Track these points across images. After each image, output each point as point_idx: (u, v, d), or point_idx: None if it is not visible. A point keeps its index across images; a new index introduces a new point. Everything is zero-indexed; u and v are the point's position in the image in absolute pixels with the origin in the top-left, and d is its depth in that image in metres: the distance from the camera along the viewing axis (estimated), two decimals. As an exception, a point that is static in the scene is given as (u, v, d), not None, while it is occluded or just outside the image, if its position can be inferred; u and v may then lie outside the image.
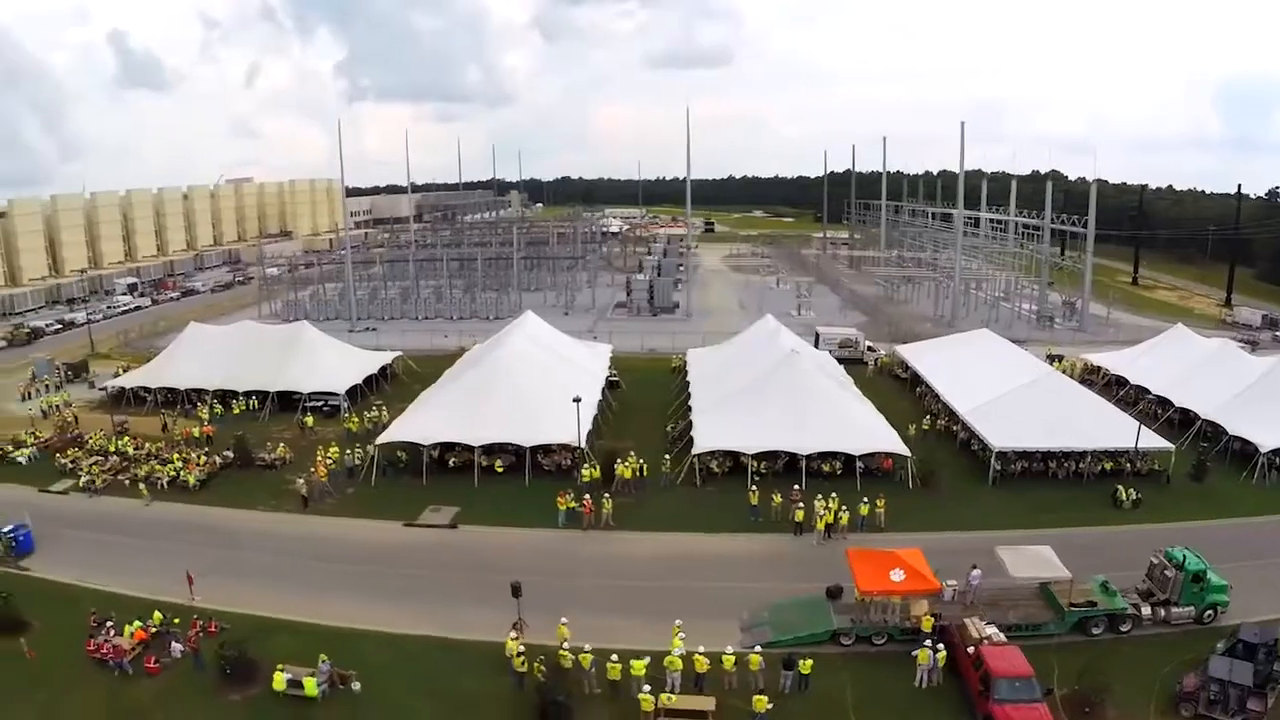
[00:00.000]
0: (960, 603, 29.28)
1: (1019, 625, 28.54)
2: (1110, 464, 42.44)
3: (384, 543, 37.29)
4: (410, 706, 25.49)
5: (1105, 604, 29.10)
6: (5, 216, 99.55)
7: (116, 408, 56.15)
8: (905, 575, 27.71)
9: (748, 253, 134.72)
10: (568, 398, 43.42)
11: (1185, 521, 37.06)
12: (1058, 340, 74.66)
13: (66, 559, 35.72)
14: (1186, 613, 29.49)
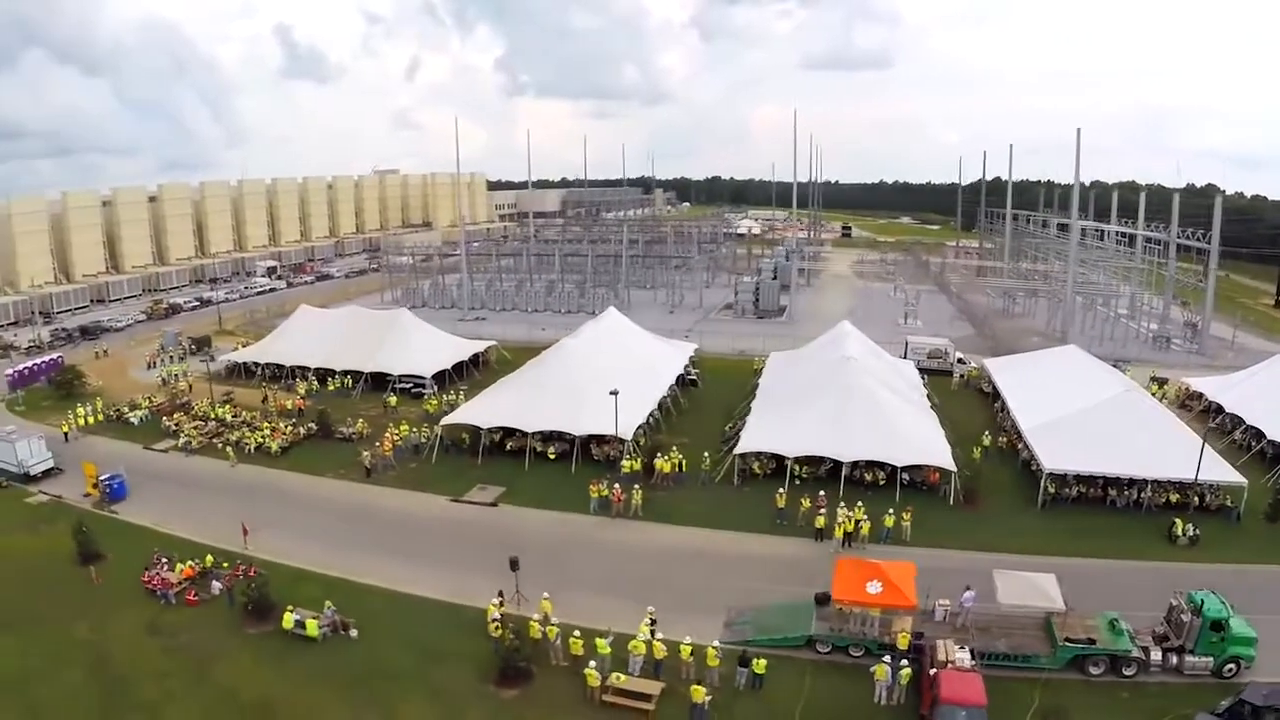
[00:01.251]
0: (950, 624, 29.12)
1: (1007, 655, 28.08)
2: (1176, 496, 40.58)
3: (428, 514, 41.17)
4: (391, 656, 28.71)
5: (1108, 643, 28.08)
6: (156, 200, 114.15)
7: (228, 379, 64.09)
8: (883, 588, 28.01)
9: (876, 259, 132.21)
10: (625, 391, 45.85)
11: (1245, 564, 35.35)
12: (1172, 362, 70.45)
13: (151, 506, 41.97)
14: (1203, 663, 28.09)
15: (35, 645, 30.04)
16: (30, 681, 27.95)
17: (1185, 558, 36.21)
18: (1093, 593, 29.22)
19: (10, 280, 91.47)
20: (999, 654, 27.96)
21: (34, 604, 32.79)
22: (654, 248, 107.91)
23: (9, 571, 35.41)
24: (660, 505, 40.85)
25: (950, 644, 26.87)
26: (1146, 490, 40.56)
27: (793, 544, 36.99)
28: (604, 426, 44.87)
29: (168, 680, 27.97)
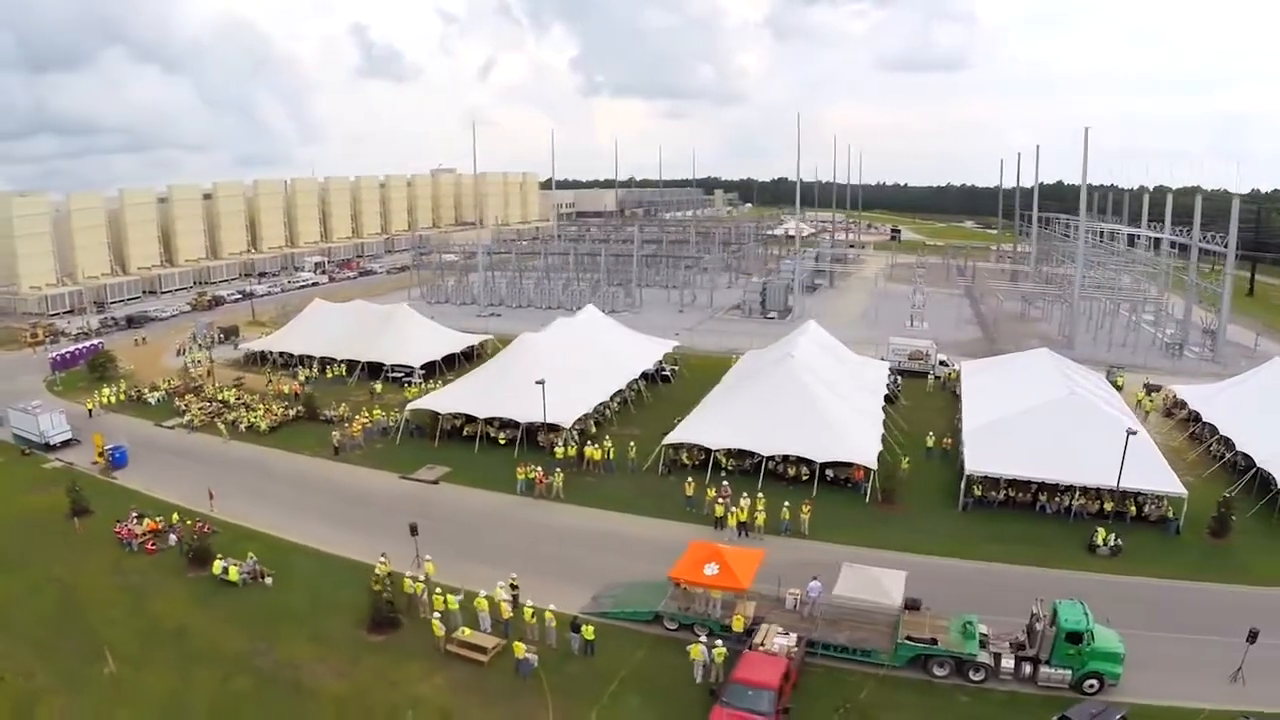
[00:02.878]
0: (799, 613, 31.40)
1: (845, 647, 29.65)
2: (1111, 504, 41.23)
3: (376, 489, 47.22)
4: (294, 601, 34.57)
5: (953, 645, 28.81)
6: (211, 198, 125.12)
7: (246, 366, 72.14)
8: (719, 571, 30.84)
9: (910, 263, 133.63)
10: (573, 382, 51.18)
11: (1164, 579, 36.32)
12: (1184, 370, 70.78)
13: (146, 473, 49.38)
14: (1060, 676, 28.16)
15: (19, 580, 37.26)
16: (8, 606, 35.06)
17: (1102, 568, 37.19)
18: (994, 598, 31.10)
19: (69, 272, 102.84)
20: (838, 646, 29.74)
21: (27, 549, 40.20)
22: (676, 248, 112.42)
23: (13, 523, 43.03)
24: (584, 490, 45.77)
25: (774, 629, 29.35)
26: (1075, 496, 41.70)
27: (693, 530, 40.47)
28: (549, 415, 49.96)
29: (112, 610, 34.61)
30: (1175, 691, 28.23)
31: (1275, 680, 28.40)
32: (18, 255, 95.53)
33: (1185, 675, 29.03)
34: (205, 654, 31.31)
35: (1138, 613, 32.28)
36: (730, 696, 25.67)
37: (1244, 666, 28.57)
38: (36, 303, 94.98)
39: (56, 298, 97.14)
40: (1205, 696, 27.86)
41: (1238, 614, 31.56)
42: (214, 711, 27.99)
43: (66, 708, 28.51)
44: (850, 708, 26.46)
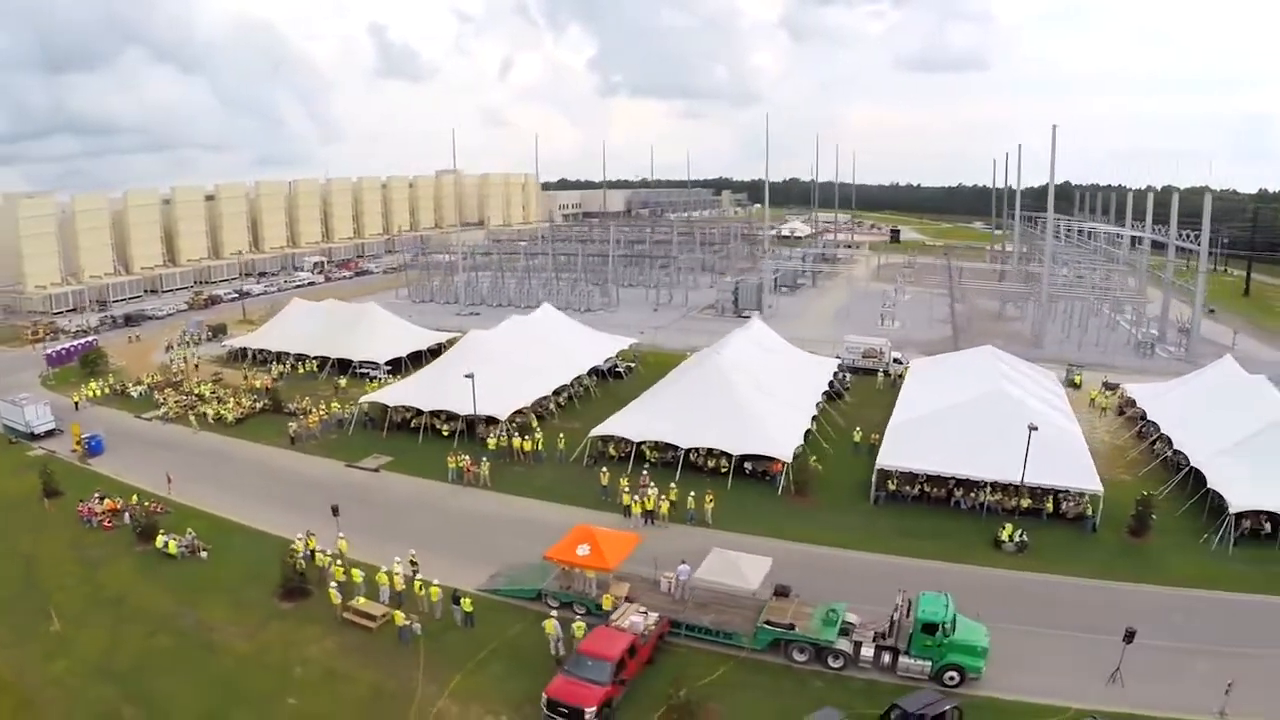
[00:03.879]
0: (671, 595, 33.96)
1: (708, 629, 31.89)
2: (1028, 501, 43.04)
3: (322, 475, 51.75)
4: (223, 572, 39.01)
5: (811, 631, 30.50)
6: (214, 199, 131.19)
7: (230, 362, 77.41)
8: (589, 551, 33.80)
9: (902, 262, 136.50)
10: (516, 377, 55.64)
11: (1067, 576, 37.74)
12: (1154, 369, 72.40)
13: (119, 460, 54.33)
14: (919, 667, 29.25)
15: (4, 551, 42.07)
16: (7, 567, 40.17)
17: (1006, 564, 38.81)
18: (888, 591, 32.18)
19: (74, 271, 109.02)
20: (702, 627, 32.05)
21: (14, 525, 45.08)
22: (657, 248, 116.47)
23: (4, 505, 47.93)
24: (512, 479, 49.95)
25: (633, 607, 31.95)
26: (986, 492, 43.27)
27: (605, 518, 43.68)
28: (487, 409, 54.32)
29: (65, 578, 39.42)
30: (1048, 689, 29.19)
31: (1155, 682, 29.35)
32: (23, 255, 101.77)
33: (1064, 673, 30.15)
34: (137, 616, 35.95)
35: (1029, 609, 34.22)
36: (572, 666, 28.56)
37: (1123, 667, 29.47)
38: (41, 301, 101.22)
39: (60, 296, 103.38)
40: (1077, 696, 28.75)
41: (1134, 614, 32.44)
42: (135, 663, 32.51)
43: (13, 657, 33.17)
44: (684, 688, 27.60)
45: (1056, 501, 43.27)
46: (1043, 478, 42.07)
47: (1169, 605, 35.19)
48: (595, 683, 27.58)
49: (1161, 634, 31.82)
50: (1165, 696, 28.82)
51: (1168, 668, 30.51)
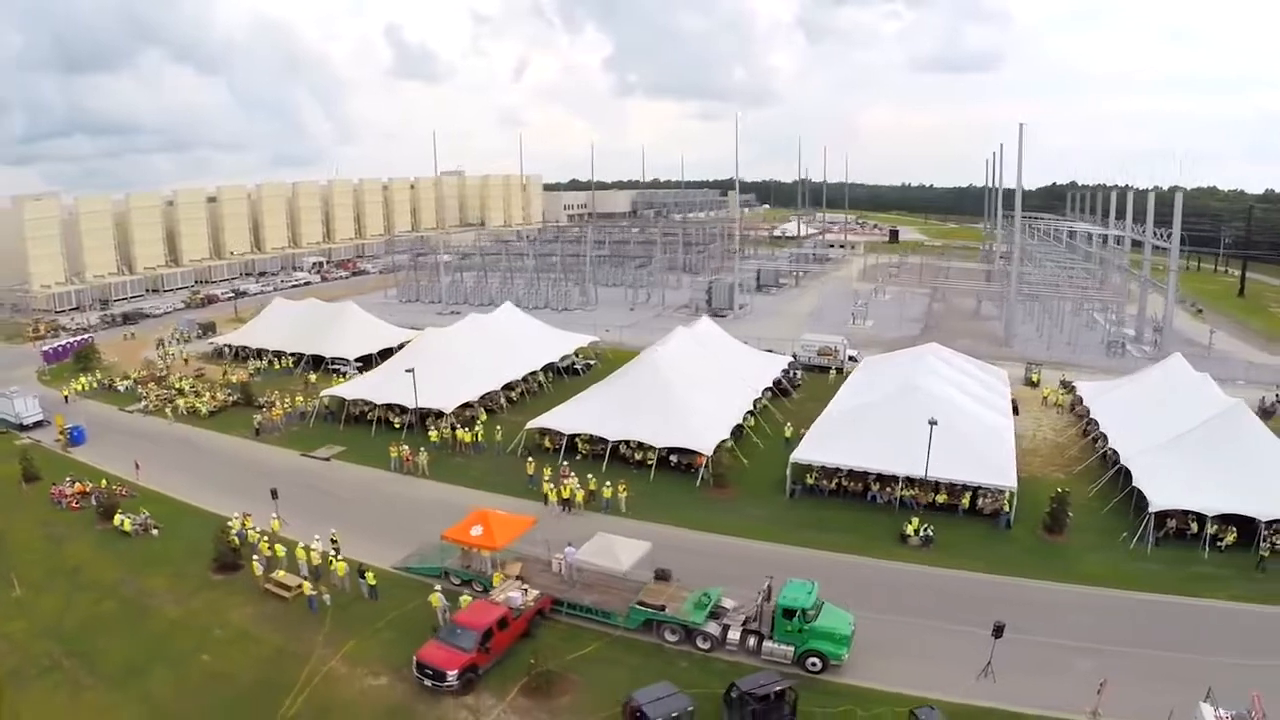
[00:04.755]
0: (560, 575, 37.16)
1: (588, 608, 34.78)
2: (944, 496, 45.09)
3: (277, 464, 56.40)
4: (170, 548, 43.65)
5: (681, 613, 32.84)
6: (216, 201, 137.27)
7: (216, 359, 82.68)
8: (482, 532, 37.24)
9: (889, 263, 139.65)
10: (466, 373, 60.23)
11: (966, 571, 39.42)
12: (1121, 369, 72.81)
13: (97, 449, 59.48)
14: (783, 651, 31.13)
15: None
16: None
17: (908, 558, 41.00)
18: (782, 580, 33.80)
19: (78, 271, 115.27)
20: (582, 606, 34.90)
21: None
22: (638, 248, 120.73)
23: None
24: (451, 468, 54.35)
25: (512, 583, 35.32)
26: (899, 487, 45.44)
27: (527, 505, 47.50)
28: (433, 402, 58.77)
29: (31, 552, 44.32)
30: (913, 680, 30.67)
31: (1030, 678, 30.68)
32: (29, 256, 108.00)
33: (937, 665, 31.49)
34: (89, 585, 40.74)
35: (919, 602, 36.21)
36: (445, 633, 32.19)
37: (1005, 662, 30.73)
38: (45, 300, 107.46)
39: (63, 295, 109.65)
40: (942, 688, 30.10)
41: (1028, 610, 34.73)
42: (81, 625, 37.20)
43: (-22, 622, 38.08)
44: (539, 659, 30.98)
45: (974, 498, 44.83)
46: (955, 473, 44.25)
47: (1066, 603, 36.78)
48: (461, 649, 31.04)
49: (1051, 631, 33.78)
50: (1037, 693, 29.89)
51: (1048, 665, 31.73)
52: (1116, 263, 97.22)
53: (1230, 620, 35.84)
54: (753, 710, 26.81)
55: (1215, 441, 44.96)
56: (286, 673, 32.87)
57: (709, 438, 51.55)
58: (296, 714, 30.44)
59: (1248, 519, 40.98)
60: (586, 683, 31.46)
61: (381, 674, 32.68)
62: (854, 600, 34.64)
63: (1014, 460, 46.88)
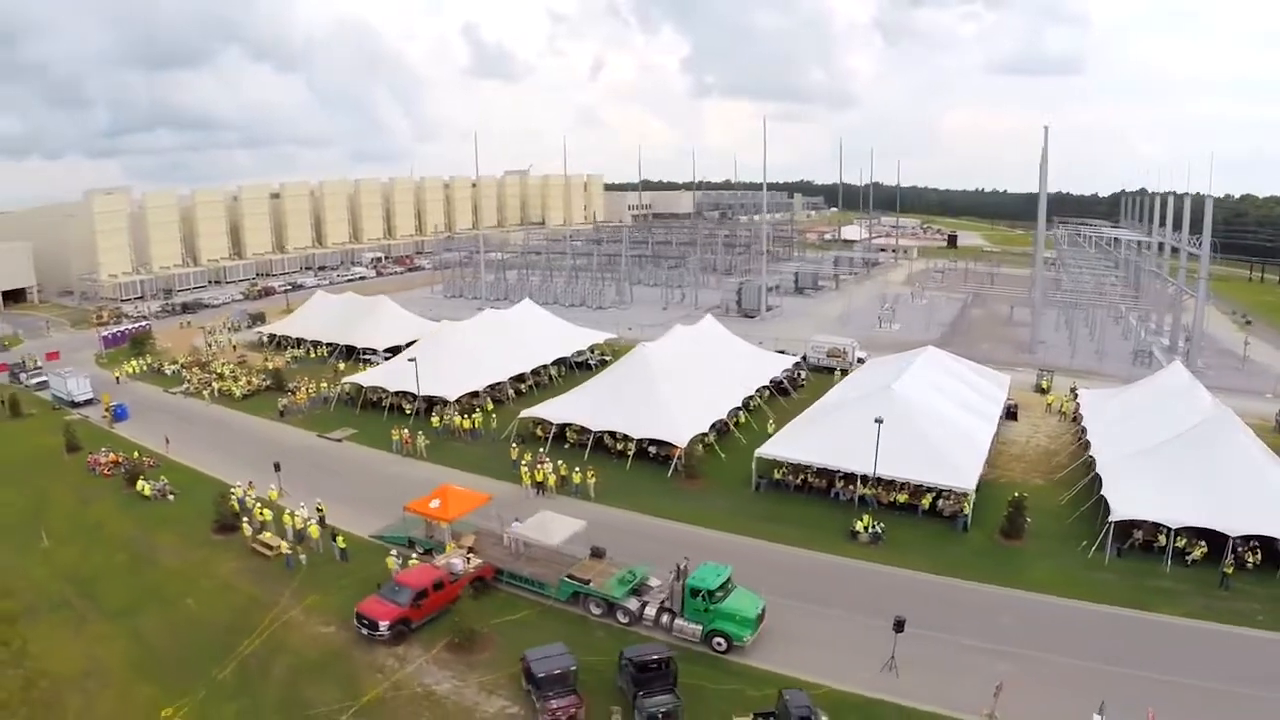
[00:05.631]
0: (509, 548, 41.67)
1: (526, 579, 39.01)
2: (905, 496, 47.38)
3: (294, 442, 62.63)
4: (183, 511, 49.80)
5: (604, 588, 36.24)
6: (279, 197, 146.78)
7: (259, 347, 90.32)
8: (439, 505, 42.77)
9: (937, 267, 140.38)
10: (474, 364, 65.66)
11: (908, 570, 41.45)
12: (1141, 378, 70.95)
13: (138, 425, 66.83)
14: (692, 629, 34.12)
15: (14, 489, 54.50)
16: (21, 499, 52.46)
17: (853, 553, 43.43)
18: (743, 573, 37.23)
19: (144, 262, 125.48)
20: (521, 577, 39.19)
21: (30, 471, 57.76)
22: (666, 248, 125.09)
23: (28, 456, 60.77)
24: (447, 452, 59.51)
25: (456, 551, 39.90)
26: (858, 484, 47.59)
27: (506, 488, 52.31)
28: (440, 390, 64.19)
29: (64, 511, 51.15)
30: (814, 667, 32.96)
31: (933, 676, 32.42)
32: (98, 247, 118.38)
33: (845, 656, 33.68)
34: (107, 540, 47.19)
35: (849, 595, 38.47)
36: (385, 589, 36.86)
37: (915, 659, 32.79)
38: (112, 289, 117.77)
39: (129, 285, 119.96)
40: (840, 677, 32.41)
41: (960, 611, 37.12)
42: (94, 572, 43.43)
43: (9, 563, 44.61)
44: (458, 623, 35.28)
45: (937, 499, 46.97)
46: (911, 473, 46.52)
47: (996, 606, 38.29)
48: (396, 604, 35.71)
49: (973, 633, 35.60)
50: (936, 691, 31.41)
51: (957, 665, 33.24)
52: (1146, 268, 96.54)
53: (1167, 635, 36.35)
54: (635, 676, 30.56)
55: (1192, 452, 45.32)
56: (253, 618, 38.24)
57: (684, 431, 55.01)
58: (253, 652, 35.67)
59: (1220, 533, 40.92)
60: (506, 643, 35.58)
61: (331, 624, 37.75)
62: (787, 591, 38.05)
63: (980, 464, 48.54)
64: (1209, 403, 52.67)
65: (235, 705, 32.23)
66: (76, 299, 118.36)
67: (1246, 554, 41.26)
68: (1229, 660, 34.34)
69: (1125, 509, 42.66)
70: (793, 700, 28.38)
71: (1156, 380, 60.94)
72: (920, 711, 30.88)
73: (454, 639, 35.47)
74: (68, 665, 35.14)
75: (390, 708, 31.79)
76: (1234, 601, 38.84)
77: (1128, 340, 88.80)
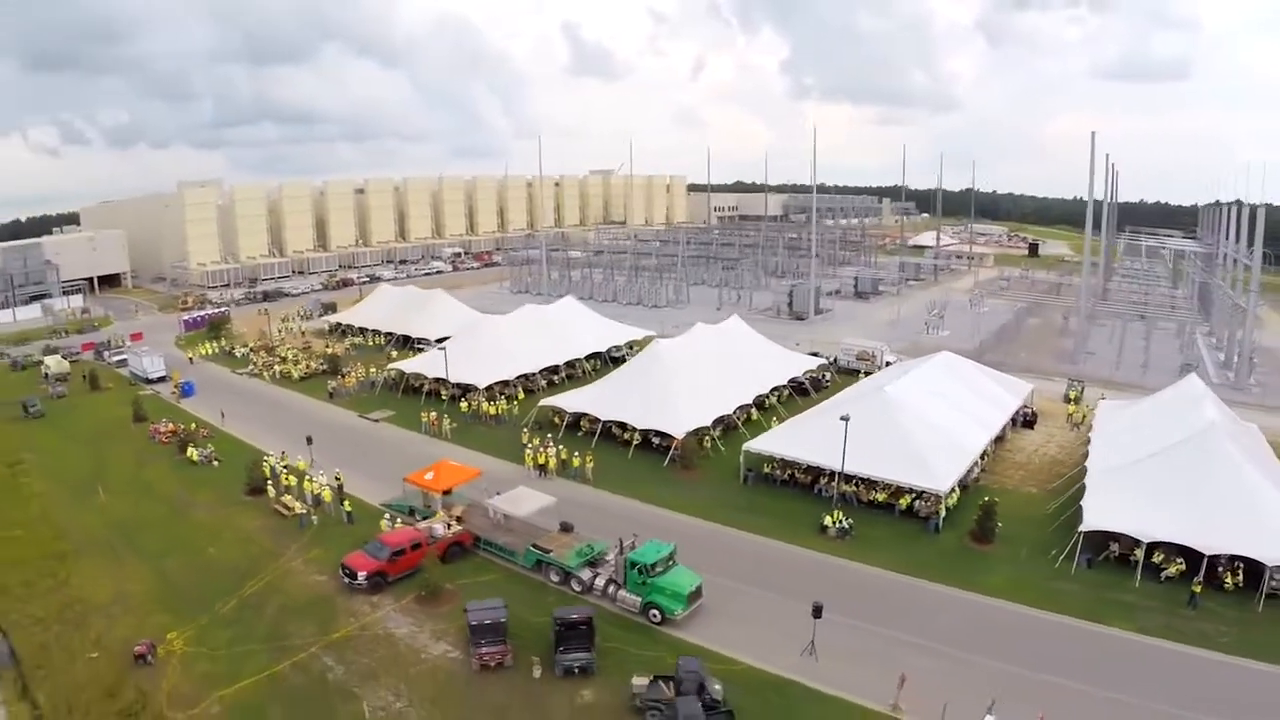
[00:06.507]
0: (491, 518, 46.88)
1: (500, 547, 44.31)
2: (883, 495, 49.70)
3: (337, 421, 69.73)
4: (225, 475, 56.84)
5: (562, 558, 40.81)
6: (363, 193, 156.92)
7: (326, 335, 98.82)
8: (434, 477, 49.33)
9: (1003, 275, 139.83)
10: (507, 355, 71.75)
11: (866, 565, 43.86)
12: None
13: (202, 401, 75.32)
14: (632, 600, 38.33)
15: (86, 453, 63.14)
16: (73, 464, 60.83)
17: (819, 546, 46.11)
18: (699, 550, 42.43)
19: (232, 252, 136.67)
20: (496, 545, 44.62)
21: (101, 437, 66.55)
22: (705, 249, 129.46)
23: (100, 424, 69.69)
24: (471, 435, 65.38)
25: (439, 518, 45.84)
26: (838, 481, 49.77)
27: (512, 468, 57.81)
28: (471, 378, 70.23)
29: (122, 472, 59.08)
30: (739, 645, 36.20)
31: (849, 665, 34.72)
32: (188, 237, 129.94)
33: (773, 639, 36.36)
34: (153, 497, 54.67)
35: (799, 584, 40.23)
36: (368, 546, 42.81)
37: (841, 648, 35.35)
38: (200, 277, 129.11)
39: (216, 273, 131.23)
40: (759, 655, 35.49)
41: (895, 604, 39.96)
42: (138, 524, 50.61)
43: (68, 513, 52.42)
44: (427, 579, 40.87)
45: (917, 499, 49.06)
46: (886, 472, 48.90)
47: (940, 605, 40.18)
48: (375, 558, 41.69)
49: (906, 628, 37.71)
50: (848, 678, 33.84)
51: (879, 657, 35.11)
52: (1200, 280, 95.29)
53: (1112, 650, 36.90)
54: (558, 633, 34.88)
55: (1177, 465, 45.98)
56: (260, 566, 44.60)
57: (683, 423, 58.64)
58: (254, 593, 41.91)
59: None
60: (464, 593, 40.96)
61: (324, 574, 43.72)
62: (745, 577, 41.87)
63: (961, 469, 50.58)
64: (1209, 416, 52.60)
65: (229, 633, 38.32)
66: (168, 285, 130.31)
67: (1225, 574, 41.16)
68: (1174, 680, 34.61)
69: (1096, 520, 43.49)
70: (684, 665, 32.29)
71: (1170, 392, 61.33)
72: (826, 695, 33.39)
73: (421, 593, 40.92)
74: (100, 594, 42.05)
75: (354, 645, 37.35)
76: (1199, 622, 38.77)
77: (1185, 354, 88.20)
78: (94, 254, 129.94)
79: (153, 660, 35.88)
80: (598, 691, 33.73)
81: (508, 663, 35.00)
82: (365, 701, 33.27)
